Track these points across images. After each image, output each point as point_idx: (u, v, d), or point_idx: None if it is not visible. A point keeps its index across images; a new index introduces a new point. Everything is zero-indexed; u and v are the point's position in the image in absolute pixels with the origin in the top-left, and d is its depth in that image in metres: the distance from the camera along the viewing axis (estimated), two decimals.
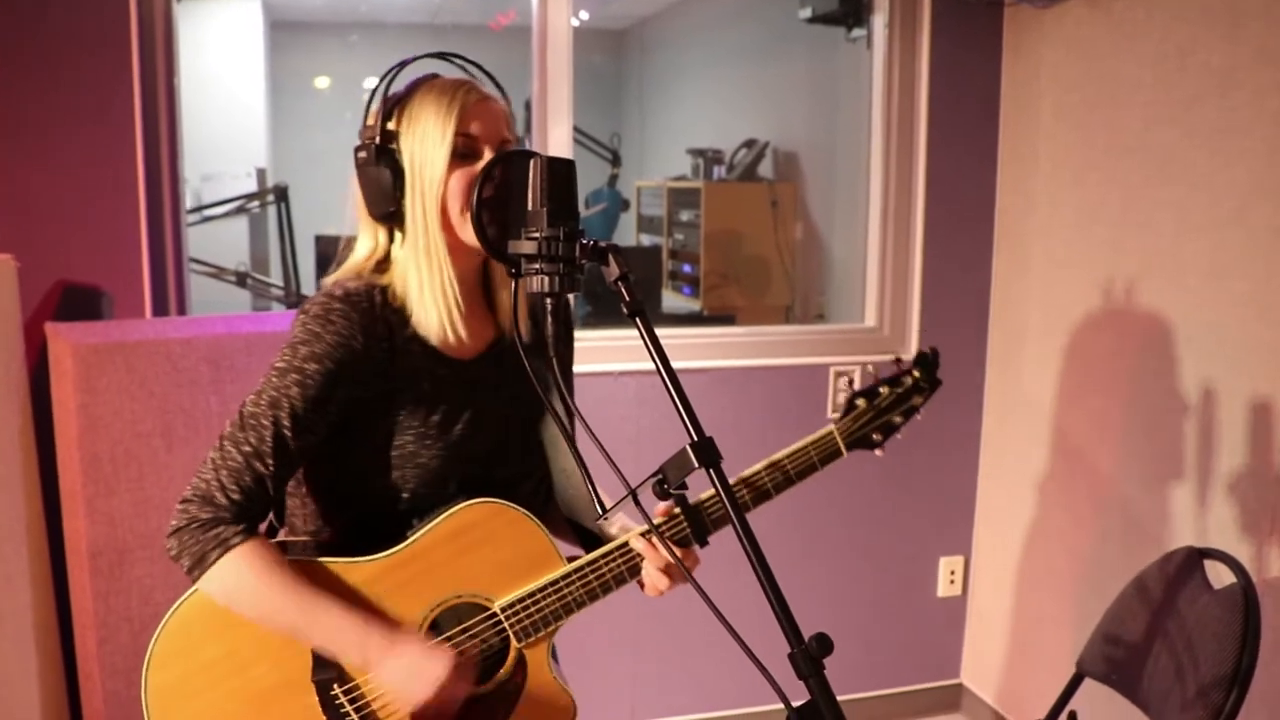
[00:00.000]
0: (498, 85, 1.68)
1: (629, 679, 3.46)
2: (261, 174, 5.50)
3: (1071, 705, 2.38)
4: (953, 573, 3.74)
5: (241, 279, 4.71)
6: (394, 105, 1.61)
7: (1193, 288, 2.79)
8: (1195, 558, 2.26)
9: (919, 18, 3.48)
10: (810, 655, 1.12)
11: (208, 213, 5.01)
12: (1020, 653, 3.53)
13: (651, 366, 1.27)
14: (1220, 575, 2.19)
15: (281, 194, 4.86)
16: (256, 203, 5.21)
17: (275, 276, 5.17)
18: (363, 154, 1.60)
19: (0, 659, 2.54)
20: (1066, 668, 2.45)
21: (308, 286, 5.07)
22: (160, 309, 3.01)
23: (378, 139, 1.58)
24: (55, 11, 2.81)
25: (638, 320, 1.31)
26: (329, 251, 5.02)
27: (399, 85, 1.64)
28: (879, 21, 3.56)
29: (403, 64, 1.63)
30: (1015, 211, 3.49)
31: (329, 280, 1.66)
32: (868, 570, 3.67)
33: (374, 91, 1.62)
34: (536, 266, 1.33)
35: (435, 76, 1.64)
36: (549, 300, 1.34)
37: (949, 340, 3.58)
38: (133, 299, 2.95)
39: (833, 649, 1.12)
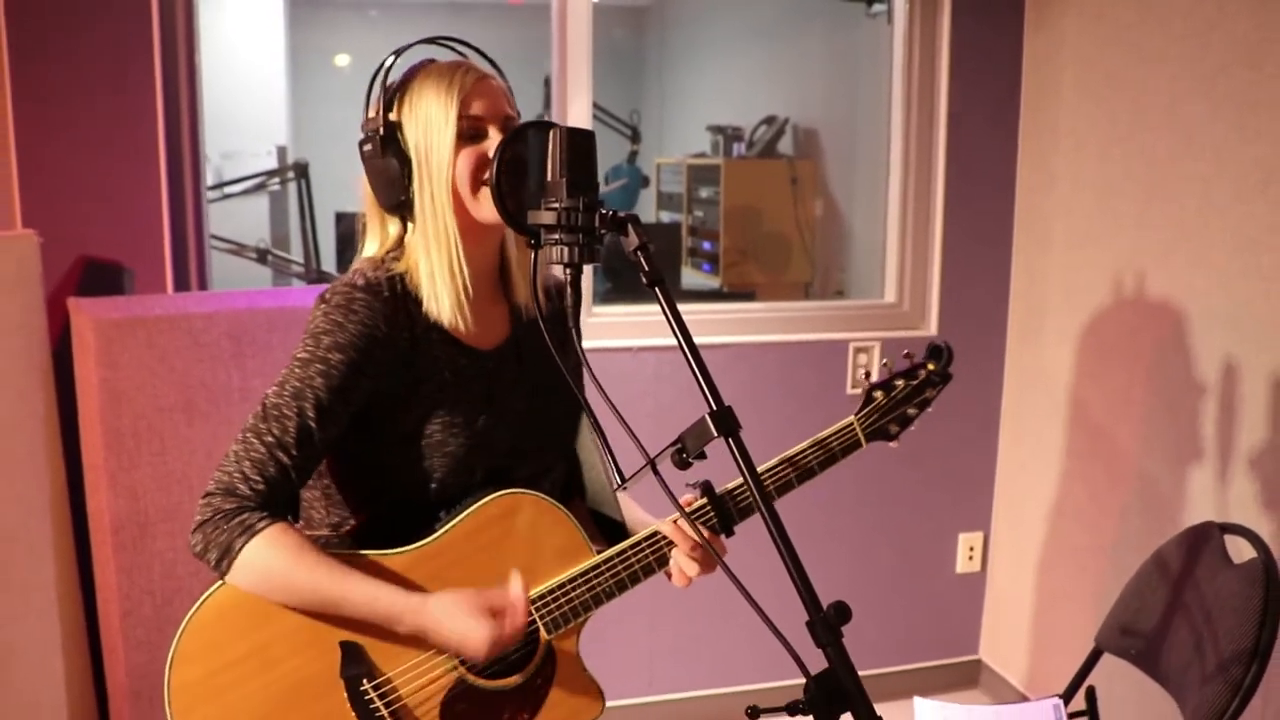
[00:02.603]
0: (492, 63, 1.68)
1: (646, 653, 3.47)
2: (282, 151, 5.51)
3: (1090, 681, 2.38)
4: (971, 549, 3.74)
5: (262, 255, 4.73)
6: (394, 94, 1.61)
7: (1216, 263, 2.77)
8: (1215, 533, 2.26)
9: None
10: (828, 623, 1.12)
11: (228, 190, 5.03)
12: (1039, 629, 3.53)
13: (669, 342, 1.27)
14: (1240, 550, 2.18)
15: (302, 171, 4.87)
16: (277, 180, 5.22)
17: (295, 253, 5.19)
18: (368, 146, 1.61)
19: (26, 632, 2.57)
20: (1085, 644, 2.44)
21: (328, 263, 5.09)
22: (181, 284, 3.03)
23: (381, 130, 1.58)
24: None
25: (657, 290, 1.31)
26: (349, 228, 5.05)
27: (396, 74, 1.64)
28: None
29: (398, 52, 1.63)
30: (1036, 187, 3.47)
31: (348, 272, 1.67)
32: (887, 547, 3.67)
33: (371, 83, 1.62)
34: (556, 237, 1.33)
35: (431, 61, 1.64)
36: (568, 271, 1.34)
37: (969, 316, 3.57)
38: (154, 275, 2.97)
39: (851, 617, 1.12)
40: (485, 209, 1.56)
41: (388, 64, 1.62)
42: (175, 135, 2.99)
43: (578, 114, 3.29)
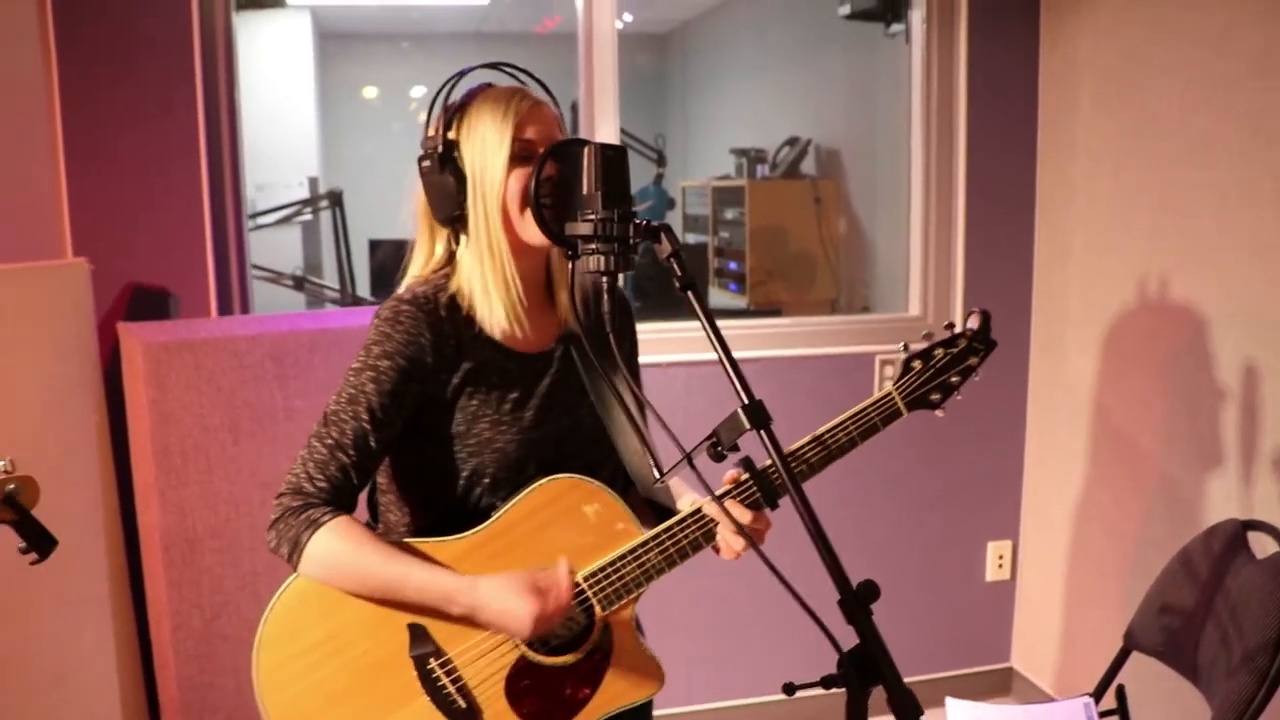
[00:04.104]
0: (548, 91, 1.76)
1: (684, 663, 3.53)
2: (314, 182, 5.62)
3: (1119, 679, 2.42)
4: (1000, 557, 3.78)
5: (299, 282, 4.82)
6: (453, 115, 1.70)
7: (1233, 268, 2.81)
8: (1239, 529, 2.30)
9: (956, 11, 3.52)
10: (859, 600, 1.19)
11: (264, 219, 5.13)
12: (1070, 636, 3.56)
13: (699, 357, 1.35)
14: (1264, 546, 2.22)
15: (336, 199, 4.98)
16: (310, 209, 5.33)
17: (328, 280, 5.29)
18: (426, 162, 1.70)
19: (81, 645, 2.65)
20: (1115, 647, 2.48)
21: (362, 289, 5.18)
22: (225, 309, 3.12)
23: (440, 148, 1.67)
24: (123, 27, 2.93)
25: (690, 294, 1.38)
26: (384, 255, 5.13)
27: (456, 95, 1.73)
28: (917, 16, 3.61)
29: (459, 75, 1.72)
30: (1055, 200, 3.53)
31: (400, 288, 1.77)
32: (916, 555, 3.71)
33: (433, 102, 1.71)
34: (592, 246, 1.42)
35: (490, 86, 1.73)
36: (604, 279, 1.42)
37: (993, 327, 3.61)
38: (198, 299, 3.06)
39: (879, 595, 1.19)
40: (530, 230, 1.64)
41: (450, 84, 1.71)
42: (217, 166, 3.09)
43: (605, 138, 3.37)
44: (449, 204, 1.68)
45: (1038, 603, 3.72)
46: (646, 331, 3.40)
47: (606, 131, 3.38)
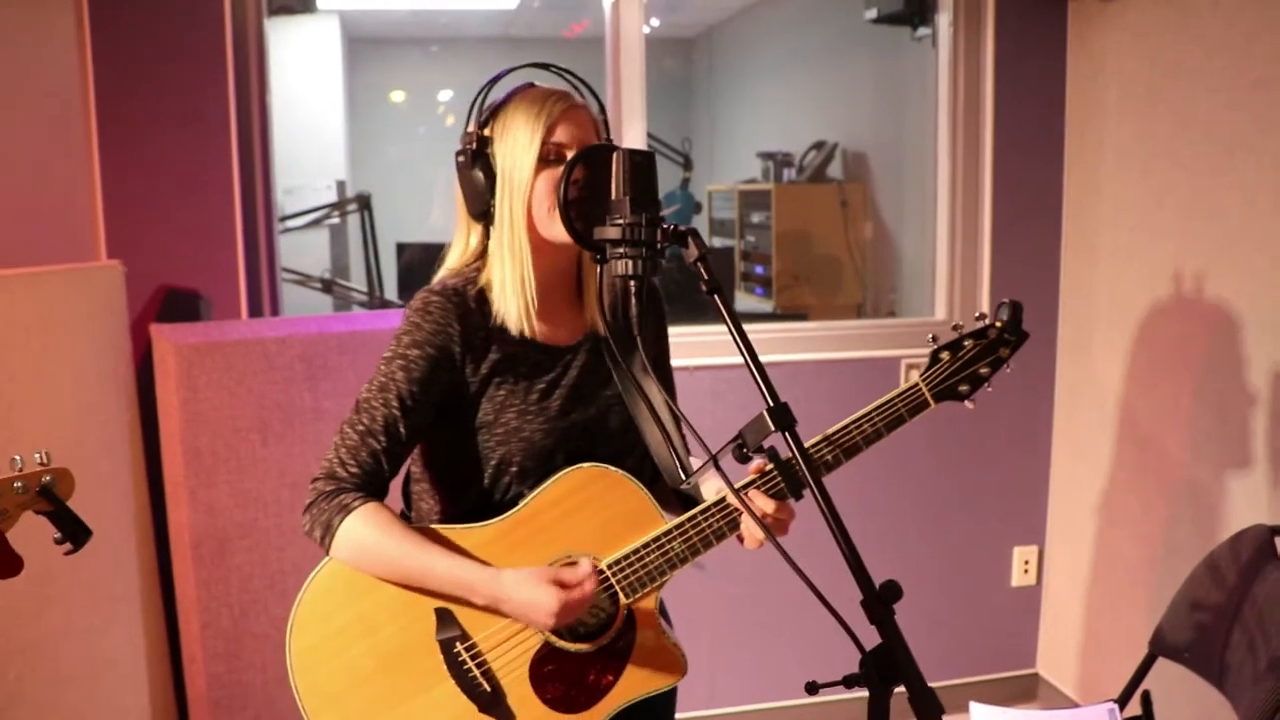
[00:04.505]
0: (593, 93, 1.79)
1: (707, 667, 3.54)
2: (341, 186, 5.66)
3: (1145, 685, 2.42)
4: (1026, 562, 3.78)
5: (327, 285, 4.86)
6: (491, 112, 1.74)
7: (1261, 272, 2.80)
8: (1267, 535, 2.30)
9: (983, 15, 3.52)
10: (881, 600, 1.20)
11: (293, 222, 5.17)
12: (1096, 642, 3.56)
13: (724, 361, 1.37)
14: None
15: (365, 203, 5.02)
16: (338, 213, 5.37)
17: (355, 283, 5.32)
18: (461, 157, 1.74)
19: (112, 640, 2.68)
20: (1141, 654, 2.48)
21: (390, 291, 5.21)
22: (255, 311, 3.16)
23: (475, 144, 1.71)
24: (157, 33, 2.97)
25: (716, 297, 1.40)
26: (411, 258, 5.16)
27: (500, 94, 1.76)
28: (944, 20, 3.61)
29: (503, 73, 1.76)
30: (1082, 203, 3.52)
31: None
32: (942, 560, 3.71)
33: (475, 99, 1.74)
34: (620, 251, 1.44)
35: (532, 86, 1.76)
36: (632, 282, 1.44)
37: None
38: (229, 302, 3.10)
39: (902, 595, 1.20)
40: (556, 229, 1.66)
41: (491, 83, 1.75)
42: (249, 170, 3.13)
43: (632, 142, 3.39)
44: (479, 200, 1.72)
45: (1063, 608, 3.71)
46: (674, 335, 3.41)
47: (633, 135, 3.40)
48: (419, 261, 4.94)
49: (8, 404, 2.37)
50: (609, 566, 1.73)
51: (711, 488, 1.80)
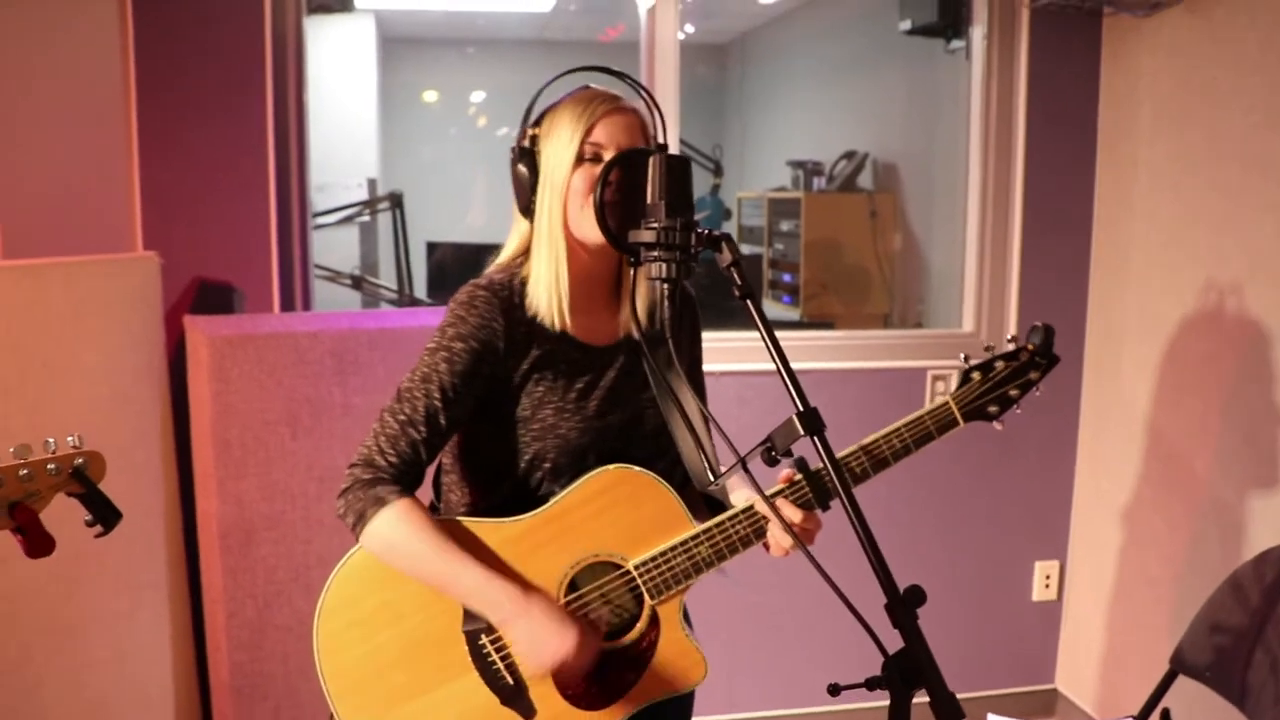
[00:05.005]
0: (652, 101, 1.80)
1: (726, 671, 3.55)
2: (372, 184, 5.70)
3: (1165, 703, 2.41)
4: (1048, 577, 3.77)
5: (357, 282, 4.90)
6: (543, 113, 1.77)
7: None
8: None
9: (1017, 29, 3.52)
10: (904, 605, 1.21)
11: (325, 219, 5.22)
12: (1116, 658, 3.55)
13: (752, 367, 1.38)
14: None
15: (397, 201, 5.05)
16: (368, 210, 5.41)
17: (384, 281, 5.36)
18: (512, 154, 1.77)
19: (139, 628, 2.72)
20: (1163, 673, 2.48)
21: (419, 290, 5.25)
22: (287, 305, 3.19)
23: (525, 141, 1.75)
24: (198, 30, 3.01)
25: (748, 302, 1.42)
26: (442, 257, 5.19)
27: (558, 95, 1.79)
28: (978, 33, 3.61)
29: (560, 75, 1.79)
30: (1113, 218, 3.52)
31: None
32: (963, 573, 3.71)
33: (532, 100, 1.78)
34: (655, 254, 1.46)
35: (586, 88, 1.78)
36: (666, 285, 1.46)
37: None
38: (262, 295, 3.13)
39: (925, 600, 1.21)
40: (587, 227, 1.69)
41: (548, 84, 1.78)
42: (284, 166, 3.16)
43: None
44: (523, 195, 1.76)
45: (1084, 624, 3.71)
46: (702, 340, 3.44)
47: (667, 140, 3.41)
48: (449, 260, 4.98)
49: (42, 392, 2.41)
50: (636, 567, 1.74)
51: (739, 497, 1.81)
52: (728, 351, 3.38)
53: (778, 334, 1.42)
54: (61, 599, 2.43)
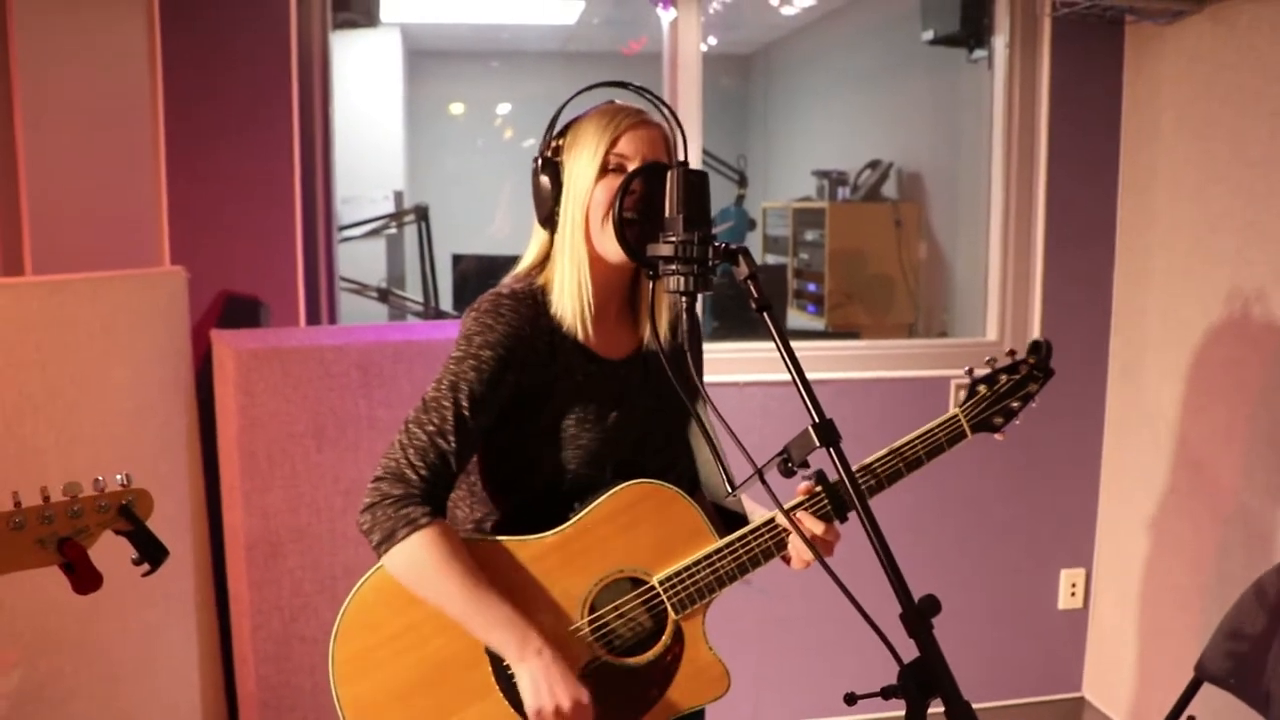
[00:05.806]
0: (672, 113, 1.80)
1: (752, 683, 3.55)
2: (399, 196, 5.73)
3: (1190, 710, 2.40)
4: (1074, 585, 3.75)
5: (383, 295, 4.92)
6: (568, 125, 1.78)
7: None
8: None
9: (1039, 38, 3.52)
10: (920, 614, 1.21)
11: (350, 232, 5.24)
12: (1143, 667, 3.52)
13: (775, 378, 1.39)
14: None
15: (423, 214, 5.07)
16: (394, 223, 5.43)
17: (411, 293, 5.38)
18: (534, 165, 1.78)
19: (165, 639, 2.74)
20: (1189, 681, 2.47)
21: (445, 302, 5.26)
22: (313, 319, 3.22)
23: (550, 153, 1.76)
24: (225, 44, 3.04)
25: (765, 315, 1.42)
26: (467, 268, 5.20)
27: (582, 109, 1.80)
28: (1000, 42, 3.61)
29: (585, 89, 1.80)
30: (1136, 226, 3.51)
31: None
32: (989, 581, 3.70)
33: (557, 112, 1.79)
34: (673, 267, 1.47)
35: (611, 102, 1.79)
36: (684, 298, 1.47)
37: (1070, 353, 3.60)
38: (288, 309, 3.16)
39: (940, 609, 1.21)
40: (607, 242, 1.70)
41: (573, 97, 1.79)
42: (310, 180, 3.19)
43: (688, 158, 3.41)
44: (545, 205, 1.76)
45: (1111, 632, 3.68)
46: (726, 351, 3.45)
47: (690, 151, 3.42)
48: (474, 272, 4.99)
49: (70, 406, 2.43)
50: (661, 582, 1.75)
51: (760, 512, 1.82)
52: (752, 362, 3.38)
53: (803, 344, 1.43)
54: (89, 613, 2.44)
